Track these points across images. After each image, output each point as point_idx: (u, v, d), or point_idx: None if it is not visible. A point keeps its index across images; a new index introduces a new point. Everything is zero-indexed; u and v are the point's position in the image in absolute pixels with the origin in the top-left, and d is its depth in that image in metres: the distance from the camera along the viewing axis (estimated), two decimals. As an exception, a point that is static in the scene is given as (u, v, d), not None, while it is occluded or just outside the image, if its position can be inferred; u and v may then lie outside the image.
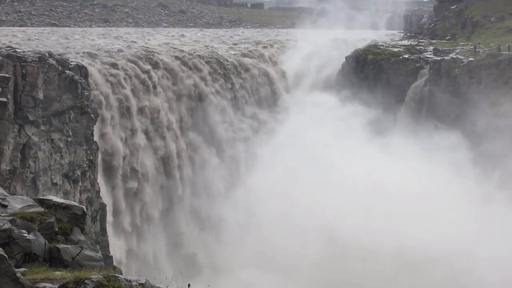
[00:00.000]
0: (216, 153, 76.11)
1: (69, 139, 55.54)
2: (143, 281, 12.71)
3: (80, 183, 56.83)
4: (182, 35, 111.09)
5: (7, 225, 15.30)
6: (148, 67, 71.20)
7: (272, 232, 63.72)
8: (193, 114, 74.85)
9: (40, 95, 52.03)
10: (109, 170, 63.87)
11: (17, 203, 17.51)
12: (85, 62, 62.68)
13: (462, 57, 79.46)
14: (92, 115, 58.25)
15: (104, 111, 62.99)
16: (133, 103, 66.74)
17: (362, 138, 73.60)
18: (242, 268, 62.91)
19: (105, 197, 61.14)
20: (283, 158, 71.89)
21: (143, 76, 69.65)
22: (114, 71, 66.72)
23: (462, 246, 55.97)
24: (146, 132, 68.35)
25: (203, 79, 77.15)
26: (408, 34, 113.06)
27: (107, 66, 66.75)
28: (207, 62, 79.89)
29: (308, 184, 67.07)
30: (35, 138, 51.61)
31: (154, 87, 70.48)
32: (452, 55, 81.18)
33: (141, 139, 67.16)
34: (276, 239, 62.94)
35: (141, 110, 68.01)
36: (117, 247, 62.06)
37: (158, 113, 69.77)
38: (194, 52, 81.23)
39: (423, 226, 58.59)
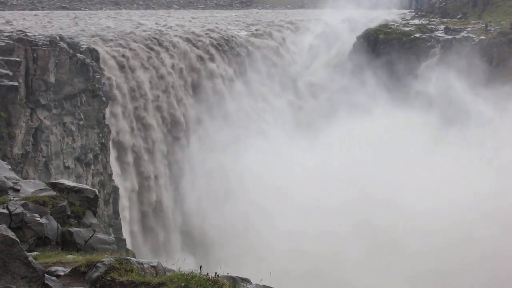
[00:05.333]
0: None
1: (81, 122, 55.69)
2: (155, 264, 12.81)
3: (92, 166, 57.05)
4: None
5: (20, 209, 15.44)
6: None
7: None
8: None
9: (52, 79, 52.14)
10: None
11: (29, 187, 17.66)
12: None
13: (474, 36, 79.10)
14: (103, 98, 58.36)
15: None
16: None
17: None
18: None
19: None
20: None
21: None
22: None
23: None
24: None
25: None
26: (419, 13, 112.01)
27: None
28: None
29: None
30: (47, 122, 51.77)
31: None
32: (463, 33, 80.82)
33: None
34: None
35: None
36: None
37: None
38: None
39: None
